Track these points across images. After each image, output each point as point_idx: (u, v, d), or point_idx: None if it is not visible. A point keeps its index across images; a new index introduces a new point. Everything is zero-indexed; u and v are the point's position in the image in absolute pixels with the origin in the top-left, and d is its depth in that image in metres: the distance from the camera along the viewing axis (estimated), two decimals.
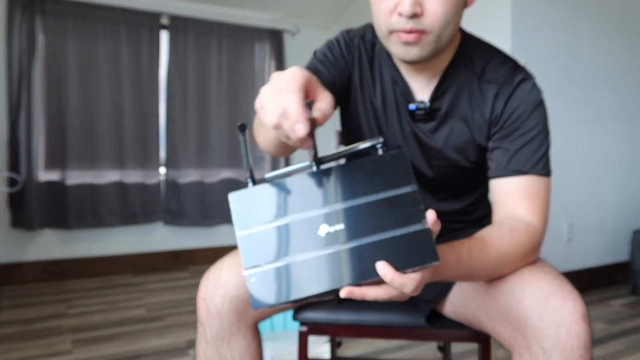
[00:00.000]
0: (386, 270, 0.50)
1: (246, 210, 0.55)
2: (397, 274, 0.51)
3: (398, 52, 0.75)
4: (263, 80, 3.43)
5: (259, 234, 0.54)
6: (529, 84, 0.81)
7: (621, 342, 1.94)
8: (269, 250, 0.53)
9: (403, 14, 0.69)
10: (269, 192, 0.55)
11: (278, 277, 0.52)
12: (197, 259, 3.23)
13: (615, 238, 2.71)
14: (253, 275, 0.53)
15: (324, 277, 0.51)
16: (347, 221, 0.53)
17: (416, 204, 0.53)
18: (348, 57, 0.87)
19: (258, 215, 0.54)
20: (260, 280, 0.52)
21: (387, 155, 0.55)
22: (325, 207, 0.53)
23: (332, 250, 0.52)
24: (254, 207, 0.54)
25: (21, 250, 2.76)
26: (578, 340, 0.65)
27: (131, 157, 3.00)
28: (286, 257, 0.52)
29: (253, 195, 0.55)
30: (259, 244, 0.53)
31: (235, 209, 0.55)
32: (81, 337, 1.95)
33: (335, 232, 0.52)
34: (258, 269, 0.53)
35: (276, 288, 0.52)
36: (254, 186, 0.56)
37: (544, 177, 0.78)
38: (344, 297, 0.52)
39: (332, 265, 0.52)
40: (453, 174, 0.88)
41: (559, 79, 2.45)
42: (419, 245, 0.51)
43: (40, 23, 2.75)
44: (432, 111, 0.83)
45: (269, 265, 0.53)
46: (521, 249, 0.72)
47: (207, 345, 0.82)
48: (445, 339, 0.92)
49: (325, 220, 0.53)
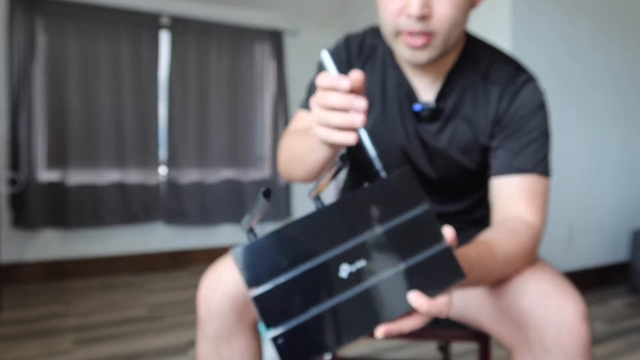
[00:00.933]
0: (420, 301, 0.48)
1: (254, 265, 0.49)
2: (432, 303, 0.49)
3: (406, 55, 0.76)
4: (263, 80, 3.43)
5: (275, 290, 0.48)
6: (532, 86, 0.81)
7: (621, 341, 1.94)
8: (290, 305, 0.48)
9: (412, 15, 0.69)
10: (275, 241, 0.49)
11: (306, 333, 0.47)
12: (197, 258, 3.24)
13: (614, 238, 2.71)
14: (279, 337, 0.47)
15: (356, 321, 0.48)
16: (367, 256, 0.49)
17: (432, 224, 0.51)
18: (348, 67, 0.88)
19: (269, 269, 0.49)
20: (288, 341, 0.47)
21: (393, 178, 0.52)
22: (341, 245, 0.49)
23: (359, 291, 0.49)
24: (262, 260, 0.49)
25: (21, 250, 2.76)
26: (579, 339, 0.65)
27: (131, 157, 3.00)
28: (311, 310, 0.48)
29: (257, 247, 0.49)
30: (277, 301, 0.48)
31: (241, 266, 0.49)
32: (81, 336, 1.95)
33: (357, 270, 0.49)
34: (282, 328, 0.47)
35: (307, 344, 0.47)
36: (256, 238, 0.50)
37: (544, 177, 0.79)
38: (380, 337, 0.49)
39: (363, 306, 0.48)
40: (456, 175, 0.88)
41: (559, 79, 2.45)
42: (443, 265, 0.50)
43: (40, 23, 2.75)
44: (437, 111, 0.84)
45: (293, 323, 0.48)
46: (524, 250, 0.72)
47: (207, 345, 0.82)
48: (445, 338, 0.92)
49: (344, 259, 0.49)
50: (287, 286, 0.48)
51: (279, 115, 3.46)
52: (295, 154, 0.76)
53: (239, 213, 3.30)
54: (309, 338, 0.47)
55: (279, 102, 3.46)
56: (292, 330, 0.47)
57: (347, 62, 0.88)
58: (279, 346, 0.47)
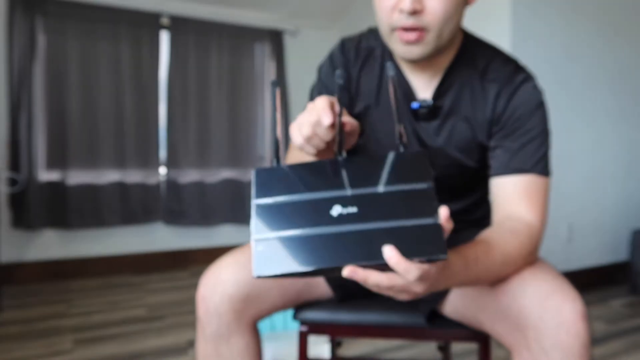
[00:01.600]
0: (392, 253, 0.50)
1: (267, 183, 0.57)
2: (403, 259, 0.50)
3: (400, 51, 0.76)
4: (263, 80, 3.43)
5: (274, 206, 0.55)
6: (531, 85, 0.81)
7: (620, 342, 1.94)
8: (280, 221, 0.54)
9: (404, 10, 0.70)
10: (291, 171, 0.57)
11: (284, 248, 0.52)
12: (197, 259, 3.24)
13: (614, 238, 2.71)
14: (261, 243, 0.53)
15: (329, 254, 0.52)
16: (361, 206, 0.54)
17: (430, 199, 0.54)
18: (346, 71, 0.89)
19: (276, 189, 0.56)
20: (266, 249, 0.53)
21: (408, 153, 0.57)
22: (341, 190, 0.55)
23: (341, 230, 0.53)
24: (274, 181, 0.57)
25: (22, 250, 2.76)
26: (578, 339, 0.65)
27: (131, 157, 3.00)
28: (295, 230, 0.53)
29: (276, 171, 0.58)
30: (272, 215, 0.54)
31: (256, 181, 0.57)
32: (81, 336, 1.95)
33: (347, 214, 0.53)
34: (265, 236, 0.53)
35: (281, 258, 0.52)
36: (278, 164, 0.59)
37: (544, 177, 0.79)
38: (346, 276, 0.51)
39: (339, 244, 0.52)
40: (455, 174, 0.88)
41: (558, 81, 2.45)
42: (428, 238, 0.52)
43: (40, 23, 2.75)
44: (434, 109, 0.84)
45: (276, 234, 0.53)
46: (523, 250, 0.72)
47: (206, 344, 0.82)
48: (445, 338, 0.92)
49: (339, 202, 0.54)
50: (282, 206, 0.55)
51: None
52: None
53: (239, 213, 3.30)
54: (285, 254, 0.52)
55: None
56: (273, 241, 0.53)
57: (344, 66, 0.89)
58: (258, 253, 0.53)
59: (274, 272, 0.52)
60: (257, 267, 0.52)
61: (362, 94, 0.88)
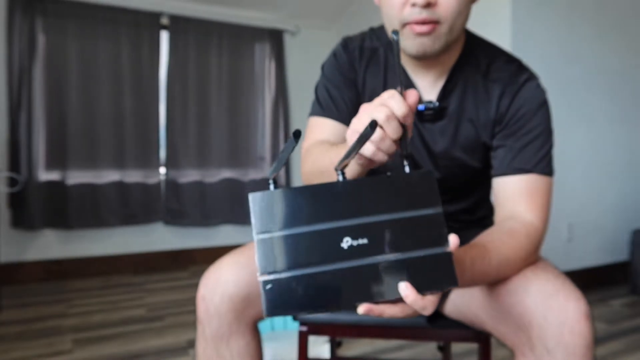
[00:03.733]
0: (409, 292, 0.51)
1: (266, 212, 0.52)
2: (419, 297, 0.51)
3: (411, 46, 0.75)
4: (263, 80, 3.43)
5: (279, 240, 0.51)
6: (534, 84, 0.81)
7: (621, 341, 1.94)
8: (288, 257, 0.51)
9: (417, 4, 0.70)
10: (292, 197, 0.52)
11: (296, 287, 0.50)
12: (197, 259, 3.23)
13: (614, 238, 2.71)
14: (269, 282, 0.50)
15: (344, 292, 0.50)
16: (371, 236, 0.51)
17: (440, 227, 0.52)
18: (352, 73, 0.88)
19: (279, 220, 0.52)
20: (276, 288, 0.50)
21: (415, 174, 0.54)
22: (349, 219, 0.52)
23: (354, 265, 0.51)
24: (274, 210, 0.52)
25: (21, 250, 2.76)
26: (581, 339, 0.65)
27: (131, 157, 3.00)
28: (306, 267, 0.50)
29: (275, 198, 0.52)
30: (277, 250, 0.51)
31: (255, 210, 0.52)
32: (81, 337, 1.95)
33: (358, 246, 0.51)
34: (275, 275, 0.50)
35: (293, 298, 0.50)
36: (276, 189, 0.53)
37: (546, 176, 0.78)
38: (362, 313, 0.51)
39: (353, 280, 0.50)
40: (460, 174, 0.88)
41: (558, 81, 2.45)
42: (439, 268, 0.52)
43: (40, 23, 2.75)
44: (440, 110, 0.83)
45: (287, 274, 0.50)
46: (521, 251, 0.72)
47: (207, 344, 0.82)
48: (446, 339, 0.92)
49: (348, 233, 0.51)
50: (289, 240, 0.51)
51: (279, 115, 3.46)
52: (322, 169, 0.75)
53: (238, 213, 3.30)
54: (296, 293, 0.50)
55: (279, 102, 3.46)
56: (283, 280, 0.50)
57: (350, 64, 0.88)
58: (267, 291, 0.50)
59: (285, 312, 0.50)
60: (268, 308, 0.50)
61: (367, 95, 0.88)
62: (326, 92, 0.89)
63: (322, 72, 0.92)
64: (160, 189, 3.11)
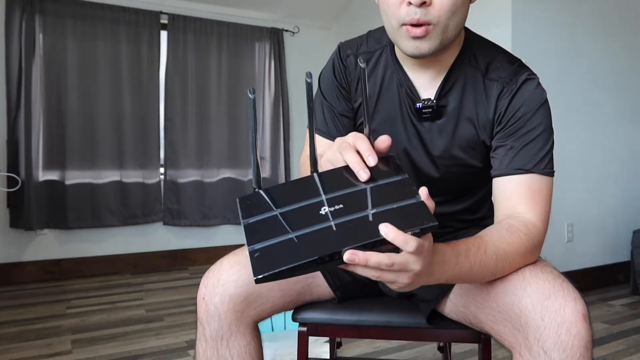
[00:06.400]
0: (388, 229, 0.51)
1: (252, 205, 0.59)
2: (400, 232, 0.51)
3: (408, 47, 0.76)
4: (263, 80, 3.43)
5: (263, 220, 0.57)
6: (534, 83, 0.81)
7: (621, 342, 1.94)
8: (273, 229, 0.56)
9: (412, 2, 0.71)
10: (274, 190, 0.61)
11: (281, 248, 0.53)
12: (197, 259, 3.23)
13: (615, 238, 2.71)
14: (257, 251, 0.54)
15: (326, 243, 0.53)
16: (347, 202, 0.57)
17: (409, 186, 0.58)
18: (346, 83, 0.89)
19: (263, 207, 0.59)
20: (263, 253, 0.54)
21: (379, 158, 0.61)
22: (325, 194, 0.58)
23: (333, 222, 0.54)
24: (259, 203, 0.60)
25: (20, 250, 2.75)
26: (579, 339, 0.64)
27: (131, 157, 2.99)
28: (289, 233, 0.55)
29: (259, 195, 0.61)
30: (263, 227, 0.56)
31: (242, 207, 0.60)
32: (81, 337, 1.95)
33: (335, 210, 0.56)
34: (261, 244, 0.54)
35: (279, 257, 0.53)
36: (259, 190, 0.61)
37: (546, 176, 0.78)
38: (347, 260, 0.51)
39: (334, 233, 0.53)
40: (459, 173, 0.88)
41: (561, 77, 2.45)
42: (416, 213, 0.54)
43: (39, 23, 2.74)
44: (438, 109, 0.83)
45: (272, 241, 0.54)
46: (520, 247, 0.71)
47: (207, 345, 0.81)
48: (445, 339, 0.92)
49: (325, 203, 0.57)
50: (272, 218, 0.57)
51: (279, 114, 3.46)
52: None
53: (238, 213, 3.30)
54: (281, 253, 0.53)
55: (279, 101, 3.46)
56: (268, 247, 0.54)
57: (344, 73, 0.89)
58: (254, 258, 0.53)
59: (273, 270, 0.52)
60: (256, 270, 0.52)
61: (362, 101, 0.88)
62: (320, 109, 0.90)
63: (319, 82, 0.93)
64: (160, 189, 3.11)
